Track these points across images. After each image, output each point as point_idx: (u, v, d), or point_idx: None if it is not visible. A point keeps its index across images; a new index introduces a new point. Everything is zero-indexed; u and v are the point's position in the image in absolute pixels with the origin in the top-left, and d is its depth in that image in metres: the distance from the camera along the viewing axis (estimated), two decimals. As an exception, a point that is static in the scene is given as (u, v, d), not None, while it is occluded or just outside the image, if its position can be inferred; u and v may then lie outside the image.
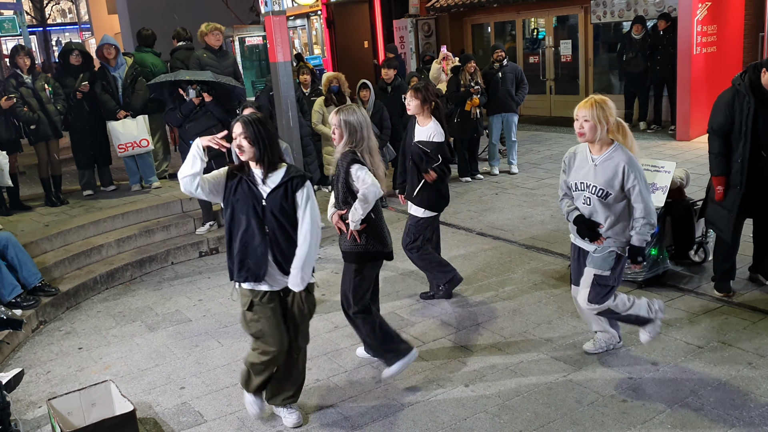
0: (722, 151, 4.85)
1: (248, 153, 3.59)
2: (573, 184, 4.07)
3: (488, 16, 15.21)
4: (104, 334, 5.44)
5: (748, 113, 4.68)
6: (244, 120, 3.59)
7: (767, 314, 4.78)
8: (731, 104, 4.76)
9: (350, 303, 4.26)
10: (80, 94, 7.82)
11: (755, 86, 4.69)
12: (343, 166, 4.11)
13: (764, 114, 4.68)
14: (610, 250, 4.00)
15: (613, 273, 4.02)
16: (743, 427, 3.56)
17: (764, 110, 4.68)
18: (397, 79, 8.89)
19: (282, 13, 6.72)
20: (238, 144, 3.60)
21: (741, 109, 4.71)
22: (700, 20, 10.02)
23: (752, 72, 4.73)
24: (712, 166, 4.94)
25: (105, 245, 6.85)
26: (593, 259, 4.05)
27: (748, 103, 4.68)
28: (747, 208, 4.89)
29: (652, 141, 10.80)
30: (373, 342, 4.31)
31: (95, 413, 3.96)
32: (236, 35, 13.91)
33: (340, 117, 4.13)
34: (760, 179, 4.79)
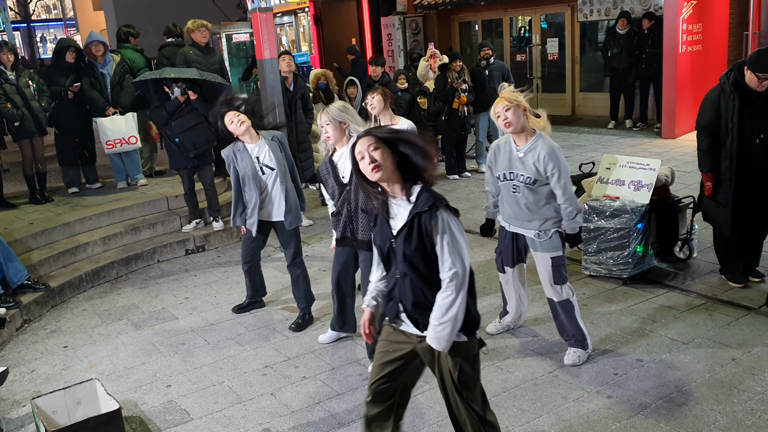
0: (710, 147, 4.95)
1: None
2: (500, 174, 4.25)
3: (476, 14, 15.24)
4: (90, 333, 5.40)
5: (733, 110, 4.77)
6: None
7: (750, 310, 4.83)
8: (717, 102, 4.86)
9: None
10: (71, 93, 7.74)
11: (740, 84, 4.77)
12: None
13: (749, 111, 4.76)
14: (552, 231, 4.18)
15: (563, 249, 4.23)
16: (727, 422, 3.60)
17: (749, 107, 4.76)
18: (384, 76, 8.89)
19: (269, 9, 6.71)
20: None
21: (727, 106, 4.80)
22: (686, 18, 10.09)
23: (737, 70, 4.81)
24: (701, 162, 5.05)
25: (90, 243, 6.80)
26: (542, 244, 4.20)
27: (734, 101, 4.76)
28: (743, 202, 4.96)
29: (638, 139, 10.86)
30: None
31: (80, 412, 3.94)
32: (223, 32, 13.84)
33: (329, 115, 4.18)
34: (749, 173, 4.87)
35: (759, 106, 4.75)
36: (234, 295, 5.93)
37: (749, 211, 5.01)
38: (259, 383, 4.41)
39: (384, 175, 2.73)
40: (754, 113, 4.77)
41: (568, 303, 4.26)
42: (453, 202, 2.92)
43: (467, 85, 9.05)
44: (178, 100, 6.76)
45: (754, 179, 4.88)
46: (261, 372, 4.56)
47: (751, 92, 4.75)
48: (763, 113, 4.75)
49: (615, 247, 5.36)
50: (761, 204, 4.96)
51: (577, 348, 4.32)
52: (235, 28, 15.71)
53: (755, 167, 4.85)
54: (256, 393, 4.29)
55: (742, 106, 4.75)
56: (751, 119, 4.77)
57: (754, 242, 5.17)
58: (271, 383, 4.40)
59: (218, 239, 7.34)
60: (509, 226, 4.39)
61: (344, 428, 3.84)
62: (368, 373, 4.40)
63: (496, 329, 4.79)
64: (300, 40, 20.65)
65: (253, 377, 4.49)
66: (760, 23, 9.76)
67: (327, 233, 7.45)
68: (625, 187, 5.48)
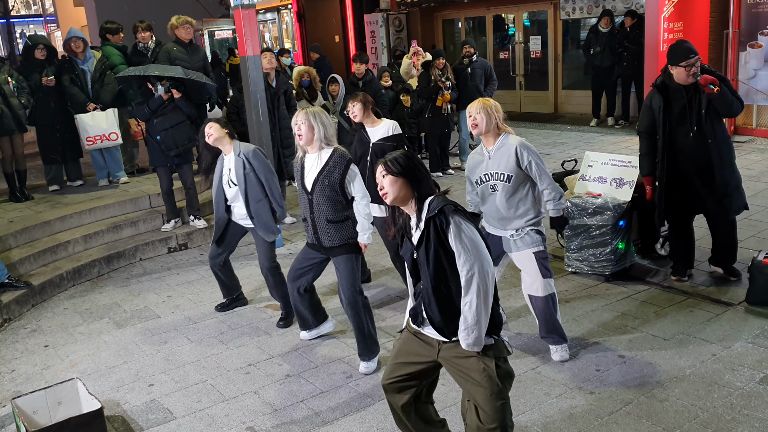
0: (648, 151, 5.13)
1: None
2: (477, 179, 4.31)
3: (459, 11, 15.26)
4: (71, 332, 5.35)
5: (659, 110, 4.95)
6: None
7: (730, 306, 4.88)
8: (650, 106, 5.05)
9: (357, 291, 4.36)
10: (45, 82, 7.60)
11: (665, 85, 4.96)
12: (341, 166, 4.23)
13: (677, 108, 4.91)
14: (527, 229, 4.23)
15: (544, 244, 4.28)
16: (707, 417, 3.64)
17: (676, 104, 4.91)
18: (368, 73, 8.88)
19: (252, 6, 6.66)
20: None
21: (656, 107, 4.98)
22: (667, 17, 10.17)
23: (664, 74, 4.99)
24: (641, 166, 5.24)
25: (71, 241, 6.74)
26: (522, 240, 4.24)
27: (659, 102, 4.95)
28: (677, 203, 5.08)
29: (620, 136, 10.94)
30: (368, 329, 4.38)
31: (62, 412, 3.90)
32: (206, 28, 13.78)
33: (306, 116, 4.26)
34: (682, 175, 5.00)
35: (689, 101, 4.87)
36: (217, 293, 5.89)
37: (695, 210, 5.13)
38: (243, 382, 4.39)
39: (394, 199, 2.91)
40: (684, 110, 4.89)
41: (553, 297, 4.29)
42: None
43: (451, 83, 9.06)
44: (162, 97, 6.71)
45: (693, 177, 4.98)
46: (244, 370, 4.54)
47: (679, 90, 4.89)
48: (693, 108, 4.86)
49: (597, 244, 5.39)
50: (705, 201, 5.03)
51: (560, 344, 4.35)
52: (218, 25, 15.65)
53: (692, 164, 4.95)
54: (240, 391, 4.27)
55: (668, 104, 4.92)
56: (681, 116, 4.91)
57: (718, 238, 5.22)
58: (254, 381, 4.38)
59: (201, 237, 7.30)
60: (488, 227, 4.45)
61: (328, 426, 3.84)
62: (352, 370, 4.41)
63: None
64: (283, 36, 20.57)
65: (237, 376, 4.48)
66: (740, 22, 9.86)
67: (311, 231, 7.43)
68: (607, 184, 5.52)
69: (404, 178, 2.89)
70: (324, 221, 4.29)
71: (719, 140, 4.92)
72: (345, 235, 4.32)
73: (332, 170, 4.23)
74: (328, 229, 4.29)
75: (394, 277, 5.90)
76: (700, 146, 4.90)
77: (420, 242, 2.89)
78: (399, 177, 2.88)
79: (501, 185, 4.19)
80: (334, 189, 4.24)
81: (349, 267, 4.36)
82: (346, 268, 4.36)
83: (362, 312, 4.37)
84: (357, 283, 4.38)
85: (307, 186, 4.31)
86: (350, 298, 4.35)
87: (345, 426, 3.83)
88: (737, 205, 5.07)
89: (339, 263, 4.38)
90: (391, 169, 2.89)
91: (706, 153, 4.90)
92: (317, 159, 4.27)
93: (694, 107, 4.87)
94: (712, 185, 4.96)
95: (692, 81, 4.83)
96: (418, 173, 2.92)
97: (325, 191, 4.24)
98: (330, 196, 4.25)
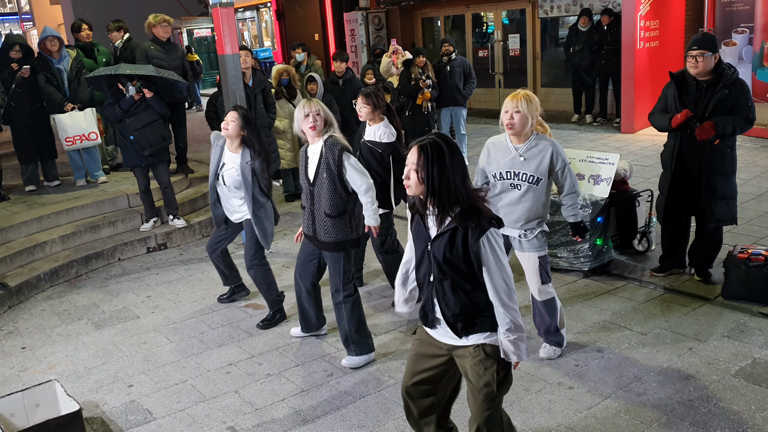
0: (660, 111, 5.08)
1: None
2: (497, 173, 4.13)
3: (438, 9, 15.29)
4: (49, 333, 5.30)
5: (674, 98, 4.96)
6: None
7: (707, 300, 4.95)
8: (665, 93, 5.07)
9: (340, 289, 4.36)
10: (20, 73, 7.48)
11: (681, 76, 4.96)
12: (333, 155, 4.19)
13: (687, 100, 4.91)
14: (539, 231, 4.15)
15: (546, 248, 4.22)
16: (684, 410, 3.69)
17: (687, 96, 4.92)
18: (348, 72, 8.87)
19: (230, 4, 6.63)
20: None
21: (670, 95, 4.99)
22: (643, 15, 10.28)
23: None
24: (662, 122, 5.03)
25: (49, 242, 6.66)
26: (530, 243, 4.15)
27: (673, 90, 4.96)
28: (677, 195, 5.08)
29: (598, 134, 11.03)
30: (352, 327, 4.38)
31: (39, 414, 3.86)
32: (184, 27, 13.67)
33: (321, 107, 4.25)
34: (685, 166, 5.00)
35: (695, 98, 4.88)
36: (197, 293, 5.87)
37: (681, 204, 5.15)
38: (223, 381, 4.38)
39: (414, 191, 2.74)
40: (690, 103, 4.91)
41: (553, 302, 4.22)
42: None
43: (431, 81, 9.08)
44: (133, 98, 6.63)
45: (689, 171, 5.00)
46: (225, 370, 4.53)
47: (691, 83, 4.90)
48: (699, 106, 4.87)
49: (575, 241, 5.44)
50: (694, 201, 5.06)
51: (555, 347, 4.34)
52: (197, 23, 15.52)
53: (689, 158, 4.98)
54: (220, 391, 4.26)
55: (681, 93, 4.94)
56: (687, 108, 4.91)
57: (697, 239, 5.26)
58: (234, 381, 4.37)
59: (180, 237, 7.26)
60: None
61: (309, 425, 3.84)
62: (333, 369, 4.41)
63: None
64: (262, 35, 20.49)
65: (217, 375, 4.46)
66: (715, 20, 10.00)
67: (290, 229, 7.42)
68: (585, 181, 5.57)
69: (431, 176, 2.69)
70: (323, 214, 4.26)
71: (713, 147, 4.87)
72: (341, 232, 4.28)
73: (328, 160, 4.20)
74: (325, 223, 4.27)
75: (384, 279, 5.91)
76: (696, 146, 4.89)
77: (440, 239, 2.74)
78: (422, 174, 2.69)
79: (526, 186, 4.04)
80: (334, 182, 4.20)
81: (337, 266, 4.36)
82: (333, 266, 4.37)
83: (344, 310, 4.37)
84: (340, 283, 4.37)
85: (310, 176, 4.29)
86: (333, 295, 4.37)
87: (326, 424, 3.84)
88: (721, 216, 5.01)
89: (328, 260, 4.40)
90: (419, 167, 2.68)
91: (699, 154, 4.90)
92: (318, 149, 4.26)
93: (701, 106, 4.86)
94: (699, 188, 4.97)
95: (695, 73, 4.83)
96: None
97: (325, 183, 4.20)
98: (330, 189, 4.20)
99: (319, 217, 4.28)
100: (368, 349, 4.46)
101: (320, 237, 4.32)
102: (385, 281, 5.72)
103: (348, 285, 4.40)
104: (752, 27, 9.43)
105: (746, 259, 4.82)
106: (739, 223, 6.29)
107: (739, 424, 3.53)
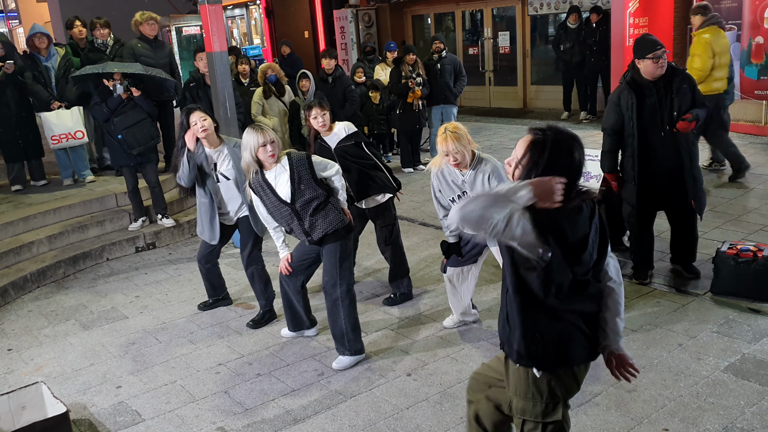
0: (611, 148, 5.09)
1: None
2: (451, 199, 4.34)
3: (428, 7, 15.27)
4: (35, 335, 5.25)
5: (632, 108, 4.86)
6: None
7: (696, 296, 4.96)
8: (618, 102, 4.95)
9: (337, 283, 4.32)
10: (5, 68, 7.39)
11: (636, 82, 4.89)
12: (304, 166, 4.28)
13: (649, 107, 4.85)
14: None
15: None
16: (674, 406, 3.69)
17: (649, 103, 4.85)
18: (338, 69, 8.84)
19: (218, 2, 6.59)
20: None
21: (626, 105, 4.90)
22: (632, 12, 10.31)
23: (632, 69, 4.95)
24: (602, 163, 5.19)
25: (35, 242, 6.60)
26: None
27: (631, 99, 4.86)
28: (647, 201, 5.05)
29: (587, 131, 11.04)
30: (349, 324, 4.35)
31: (26, 416, 3.82)
32: (173, 25, 13.59)
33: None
34: (652, 173, 4.95)
35: (659, 100, 4.83)
36: (186, 292, 5.84)
37: (659, 206, 5.13)
38: (213, 381, 4.35)
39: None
40: (655, 108, 4.84)
41: None
42: (408, 195, 2.93)
43: (422, 79, 9.05)
44: (120, 97, 6.58)
45: (661, 175, 4.95)
46: (214, 370, 4.49)
47: (650, 88, 4.84)
48: (665, 107, 4.84)
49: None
50: (671, 200, 5.04)
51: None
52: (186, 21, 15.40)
53: (661, 163, 4.92)
54: (210, 391, 4.23)
55: (640, 102, 4.85)
56: (652, 115, 4.85)
57: (681, 237, 5.25)
58: (224, 381, 4.34)
59: (169, 236, 7.21)
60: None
61: (300, 424, 3.82)
62: (323, 368, 4.38)
63: (452, 323, 4.83)
64: (252, 32, 20.40)
65: (206, 375, 4.43)
66: (703, 17, 10.02)
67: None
68: (575, 178, 5.56)
69: None
70: (309, 218, 4.24)
71: (690, 142, 4.90)
72: (332, 220, 4.27)
73: (301, 172, 4.20)
74: (315, 222, 4.25)
75: (376, 278, 5.89)
76: (671, 146, 4.87)
77: None
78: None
79: None
80: (314, 187, 4.22)
81: (334, 260, 4.31)
82: (330, 260, 4.32)
83: (341, 306, 4.33)
84: (337, 276, 4.31)
85: (286, 197, 4.23)
86: (329, 291, 4.36)
87: (317, 423, 3.81)
88: (704, 206, 5.07)
89: (325, 254, 4.35)
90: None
91: (677, 153, 4.88)
92: (282, 169, 4.23)
93: (666, 106, 4.83)
94: (681, 185, 4.94)
95: (661, 73, 4.79)
96: None
97: (306, 193, 4.20)
98: (312, 194, 4.21)
99: (308, 223, 4.26)
100: (361, 349, 4.44)
101: (316, 236, 4.29)
102: (376, 279, 5.71)
103: (345, 279, 4.34)
104: (740, 24, 9.46)
105: (735, 255, 4.83)
106: (728, 219, 6.32)
107: (729, 419, 3.53)
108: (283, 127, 8.25)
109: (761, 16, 8.98)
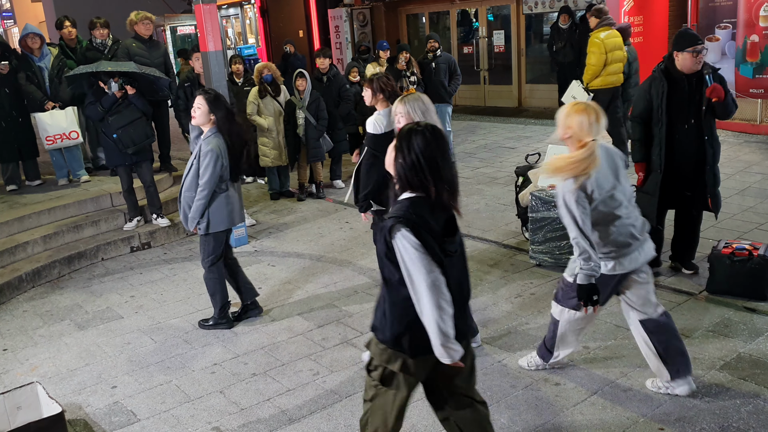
0: (642, 137, 5.09)
1: None
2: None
3: (423, 6, 15.27)
4: (30, 335, 5.23)
5: (662, 96, 4.90)
6: None
7: (691, 295, 4.97)
8: (648, 91, 5.01)
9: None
10: None
11: (669, 72, 4.93)
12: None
13: (678, 98, 4.89)
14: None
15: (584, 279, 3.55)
16: (671, 405, 3.69)
17: (678, 94, 4.88)
18: (332, 68, 8.83)
19: (212, 1, 6.58)
20: None
21: (657, 93, 4.94)
22: (627, 11, 10.33)
23: (668, 60, 4.97)
24: (634, 152, 5.19)
25: (30, 242, 6.58)
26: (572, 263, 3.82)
27: (662, 87, 4.91)
28: (668, 193, 5.05)
29: (583, 130, 11.06)
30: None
31: (21, 417, 3.81)
32: (167, 24, 13.56)
33: (406, 106, 3.93)
34: (677, 164, 4.98)
35: (689, 93, 4.87)
36: (181, 292, 5.82)
37: (676, 202, 5.13)
38: (208, 381, 4.34)
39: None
40: (683, 100, 4.88)
41: (555, 325, 3.95)
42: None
43: (417, 77, 9.05)
44: (115, 95, 6.55)
45: (681, 167, 4.99)
46: (209, 370, 4.49)
47: (681, 80, 4.87)
48: (692, 101, 4.87)
49: (561, 236, 5.44)
50: (688, 193, 5.05)
51: (539, 358, 4.14)
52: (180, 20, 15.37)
53: (683, 155, 4.96)
54: (205, 391, 4.22)
55: (671, 91, 4.89)
56: (679, 106, 4.89)
57: (687, 234, 5.27)
58: (219, 381, 4.33)
59: (164, 236, 7.19)
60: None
61: (295, 424, 3.81)
62: (319, 368, 4.38)
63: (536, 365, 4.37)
64: (246, 32, 20.38)
65: (202, 375, 4.42)
66: (698, 16, 10.05)
67: (275, 228, 7.38)
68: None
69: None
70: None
71: (714, 137, 4.92)
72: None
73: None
74: None
75: (362, 274, 5.89)
76: (695, 141, 4.89)
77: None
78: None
79: None
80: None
81: None
82: None
83: None
84: None
85: None
86: None
87: (312, 423, 3.81)
88: (719, 206, 5.08)
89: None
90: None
91: (701, 148, 4.90)
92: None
93: (695, 100, 4.85)
94: (702, 181, 4.96)
95: (697, 69, 4.80)
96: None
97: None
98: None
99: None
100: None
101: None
102: (372, 279, 5.70)
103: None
104: (735, 22, 9.48)
105: (731, 254, 4.84)
106: (724, 218, 6.32)
107: (725, 418, 3.54)
108: (278, 126, 8.24)
109: (756, 15, 9.00)
